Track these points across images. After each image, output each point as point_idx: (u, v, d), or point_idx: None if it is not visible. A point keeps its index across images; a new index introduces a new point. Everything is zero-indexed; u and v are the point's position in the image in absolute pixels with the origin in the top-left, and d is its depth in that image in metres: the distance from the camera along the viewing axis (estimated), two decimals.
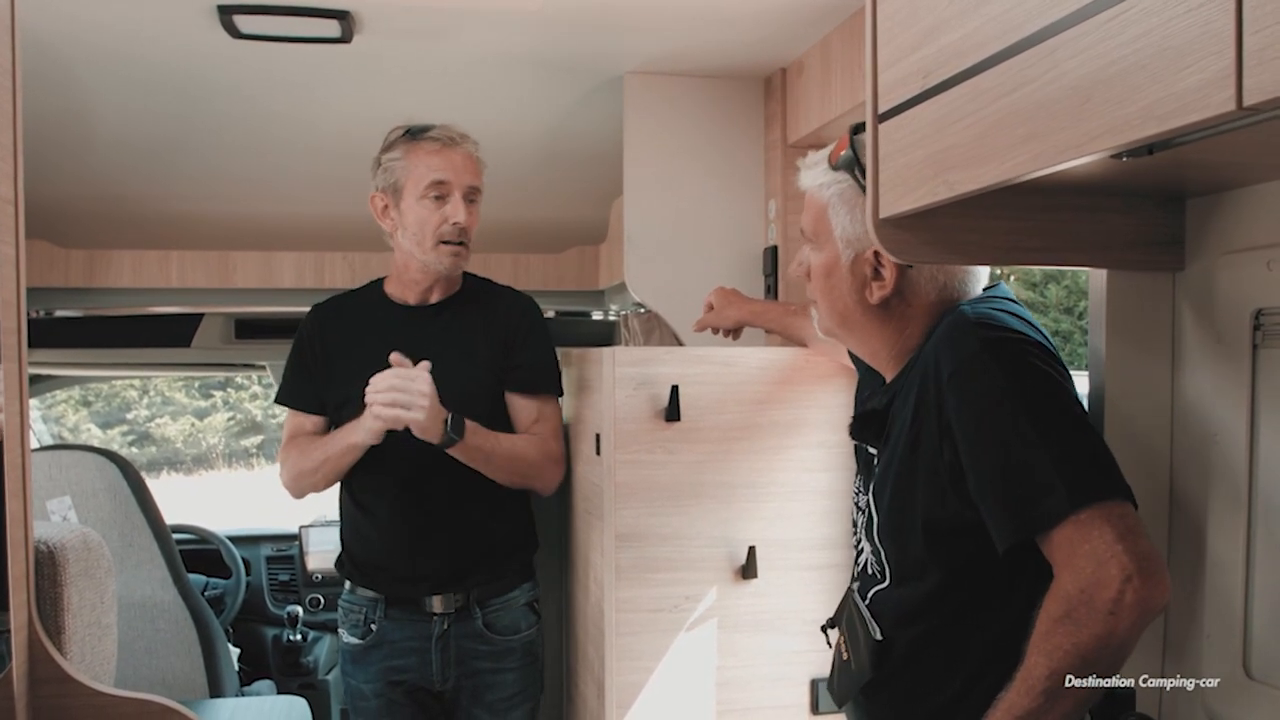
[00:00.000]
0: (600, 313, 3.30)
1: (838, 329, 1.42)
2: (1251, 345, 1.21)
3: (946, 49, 1.03)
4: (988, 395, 1.17)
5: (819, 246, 1.39)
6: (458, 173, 2.03)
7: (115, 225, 2.81)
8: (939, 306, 1.34)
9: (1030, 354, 1.19)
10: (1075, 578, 1.07)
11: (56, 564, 1.43)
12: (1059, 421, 1.15)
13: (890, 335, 1.37)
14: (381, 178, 2.07)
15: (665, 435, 1.88)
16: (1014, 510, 1.13)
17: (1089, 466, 1.12)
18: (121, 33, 1.89)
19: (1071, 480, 1.09)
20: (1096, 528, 1.07)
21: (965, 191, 1.01)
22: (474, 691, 2.14)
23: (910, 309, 1.35)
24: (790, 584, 1.93)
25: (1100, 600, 1.05)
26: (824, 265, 1.38)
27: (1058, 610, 1.08)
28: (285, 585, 3.63)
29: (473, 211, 2.07)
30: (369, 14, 1.83)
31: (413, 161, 2.03)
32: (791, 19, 1.90)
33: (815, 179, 1.38)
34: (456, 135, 2.05)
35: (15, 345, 1.30)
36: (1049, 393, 1.17)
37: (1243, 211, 1.22)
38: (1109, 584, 1.05)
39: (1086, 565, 1.06)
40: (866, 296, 1.35)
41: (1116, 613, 1.04)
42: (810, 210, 1.40)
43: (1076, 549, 1.08)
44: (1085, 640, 1.06)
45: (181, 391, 14.63)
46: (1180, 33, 0.73)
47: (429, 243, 2.04)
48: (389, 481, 2.08)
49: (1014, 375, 1.17)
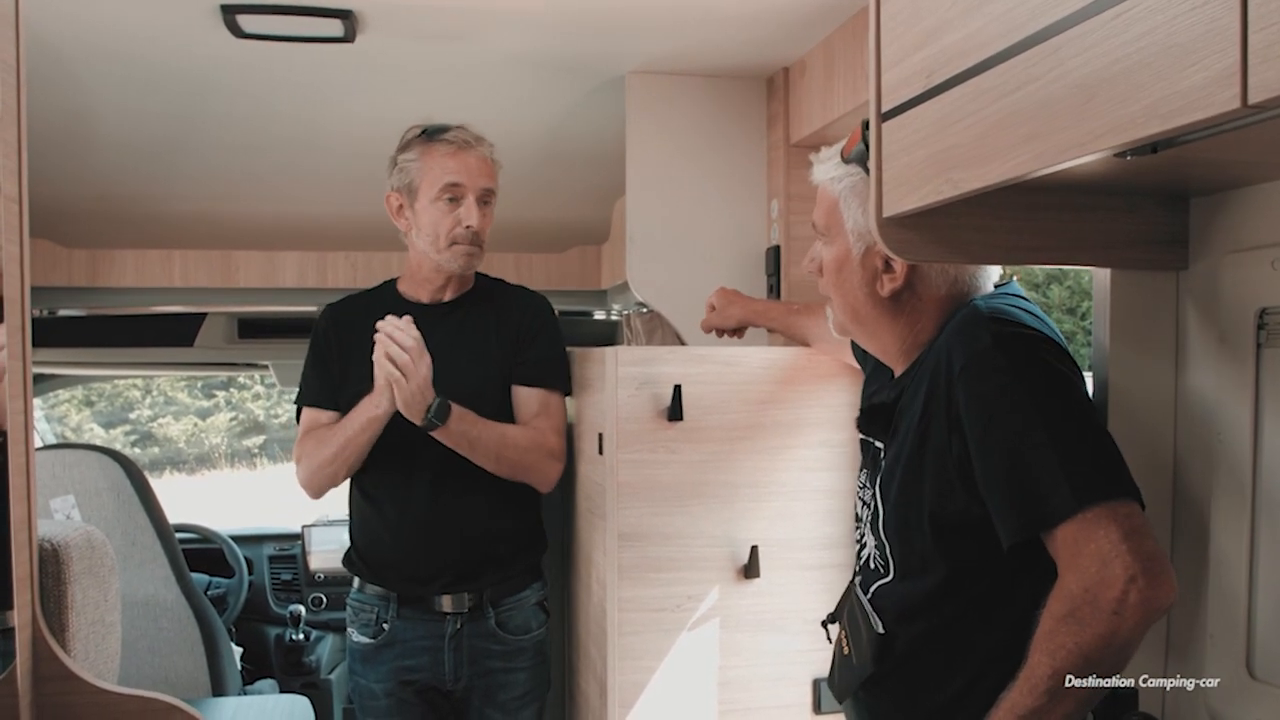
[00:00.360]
0: (602, 312, 3.31)
1: (850, 323, 1.42)
2: (1255, 344, 1.20)
3: (949, 48, 1.03)
4: (998, 390, 1.17)
5: (831, 240, 1.40)
6: (472, 176, 2.04)
7: (118, 225, 2.82)
8: (950, 301, 1.34)
9: (1042, 350, 1.19)
10: (1080, 577, 1.07)
11: (61, 562, 1.43)
12: (1068, 419, 1.14)
13: (901, 330, 1.37)
14: (397, 178, 2.08)
15: (668, 435, 1.88)
16: (1020, 507, 1.13)
17: (1096, 465, 1.11)
18: (125, 32, 1.89)
19: (1078, 479, 1.09)
20: (1102, 527, 1.07)
21: (968, 191, 1.01)
22: (486, 691, 2.15)
23: (921, 303, 1.35)
24: (793, 584, 1.93)
25: (1104, 600, 1.05)
26: (836, 259, 1.39)
27: (1061, 609, 1.08)
28: (288, 584, 3.64)
29: (486, 214, 2.08)
30: (372, 13, 1.83)
31: (428, 163, 2.03)
32: (794, 19, 1.90)
33: (828, 173, 1.39)
34: (472, 138, 2.05)
35: (19, 344, 1.30)
36: (1059, 390, 1.17)
37: (1247, 210, 1.22)
38: (1113, 584, 1.04)
39: (1091, 564, 1.06)
40: (878, 289, 1.35)
41: (1120, 613, 1.04)
42: (822, 204, 1.41)
43: (1082, 548, 1.07)
44: (1089, 640, 1.05)
45: (184, 391, 14.65)
46: (1185, 30, 0.73)
47: (442, 244, 2.05)
48: (400, 478, 2.08)
49: (1025, 371, 1.17)
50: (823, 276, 1.44)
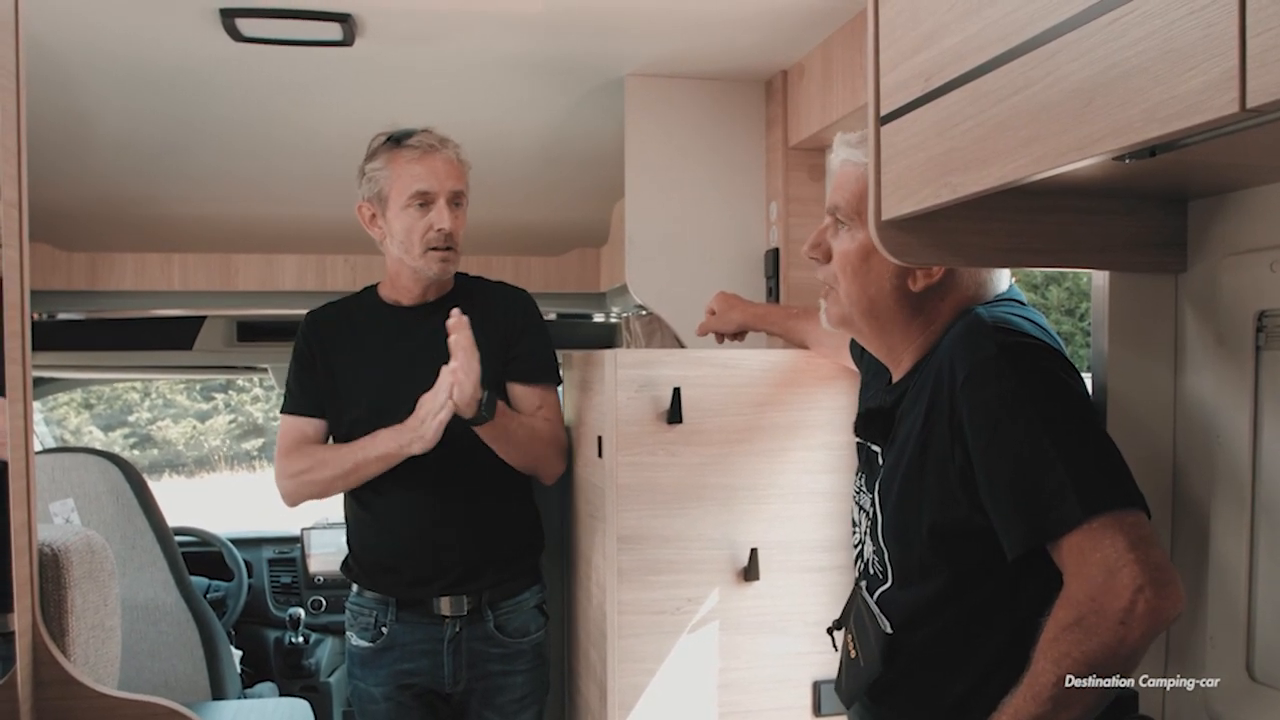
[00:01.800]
0: (602, 315, 3.31)
1: (859, 317, 1.36)
2: (1254, 347, 1.20)
3: (948, 52, 1.03)
4: (1001, 400, 1.15)
5: (855, 228, 1.32)
6: (440, 179, 2.03)
7: (117, 228, 2.82)
8: (969, 303, 1.32)
9: (1046, 360, 1.18)
10: (1086, 585, 1.06)
11: (60, 566, 1.43)
12: (1072, 429, 1.13)
13: (914, 330, 1.34)
14: (366, 187, 2.07)
15: (667, 437, 1.88)
16: (1025, 517, 1.12)
17: (1102, 474, 1.10)
18: (124, 36, 1.89)
19: (1084, 488, 1.08)
20: (1109, 536, 1.06)
21: (967, 194, 1.01)
22: (485, 694, 2.15)
23: (943, 303, 1.32)
24: (792, 586, 1.93)
25: (1111, 609, 1.03)
26: (863, 247, 1.31)
27: (1068, 617, 1.07)
28: (287, 587, 3.63)
29: (458, 215, 2.07)
30: (371, 17, 1.83)
31: (395, 171, 2.03)
32: (792, 22, 1.90)
33: (858, 156, 1.31)
34: (437, 140, 2.04)
35: (19, 348, 1.30)
36: (1063, 399, 1.16)
37: (1245, 213, 1.22)
38: (1121, 593, 1.03)
39: (1098, 574, 1.05)
40: (909, 284, 1.31)
41: (1127, 622, 1.03)
42: (846, 188, 1.33)
43: (1088, 557, 1.06)
44: (1094, 649, 1.04)
45: (183, 394, 14.65)
46: (1183, 35, 0.73)
47: (417, 250, 2.04)
48: (397, 484, 2.08)
49: (1029, 381, 1.15)
50: (827, 263, 1.38)
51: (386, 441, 1.99)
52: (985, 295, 1.33)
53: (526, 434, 2.07)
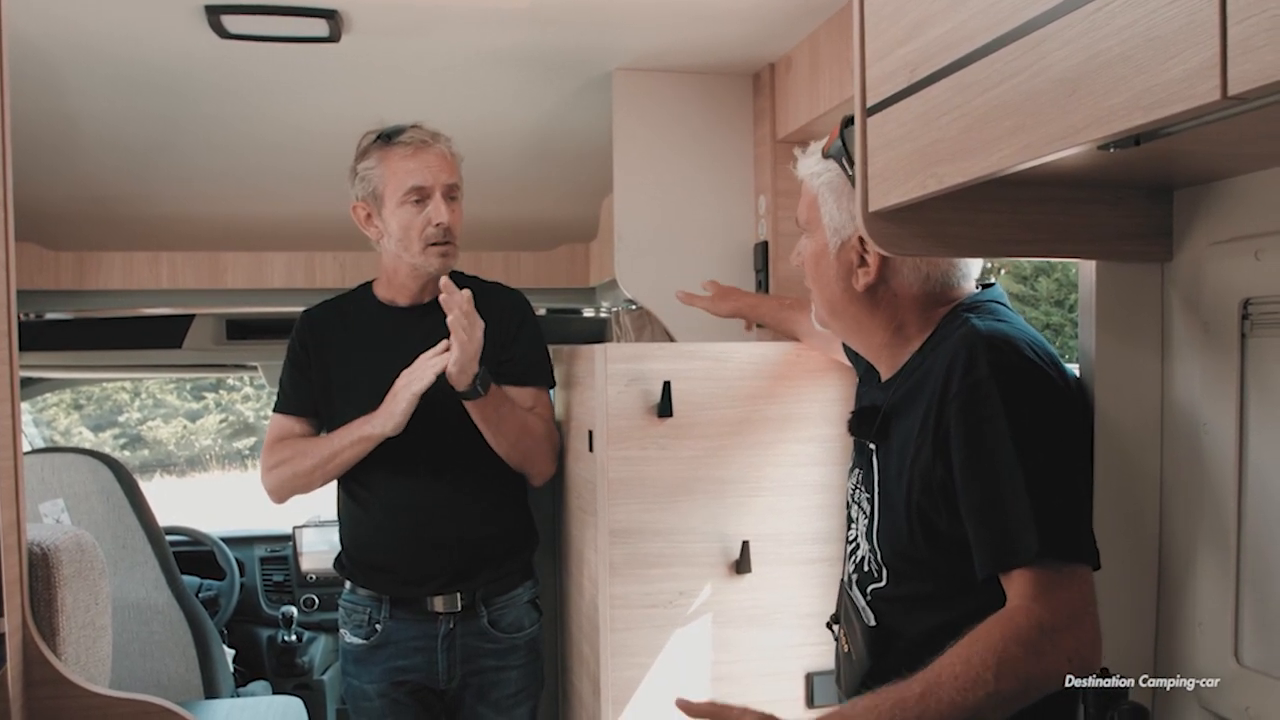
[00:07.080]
0: (591, 310, 3.31)
1: (829, 317, 1.45)
2: (1240, 334, 1.21)
3: (933, 43, 1.03)
4: (985, 425, 1.19)
5: (811, 234, 1.43)
6: (434, 174, 2.03)
7: (104, 227, 2.80)
8: (927, 299, 1.36)
9: (1037, 384, 1.22)
10: (1054, 617, 1.12)
11: (50, 566, 1.43)
12: (1048, 467, 1.18)
13: (879, 325, 1.39)
14: (360, 187, 2.07)
15: (658, 431, 1.88)
16: (990, 543, 1.18)
17: (1065, 522, 1.17)
18: (109, 33, 1.88)
19: (1047, 529, 1.14)
20: (1076, 583, 1.14)
21: (953, 184, 1.02)
22: (479, 690, 2.15)
23: (898, 299, 1.37)
24: (784, 578, 1.94)
25: (1066, 646, 1.12)
26: (814, 253, 1.42)
27: (1026, 635, 1.12)
28: (280, 586, 3.63)
29: (455, 209, 2.07)
30: (357, 13, 1.82)
31: (388, 168, 2.02)
32: (779, 14, 1.90)
33: (809, 168, 1.42)
34: (429, 135, 2.04)
35: (6, 348, 1.30)
36: (1046, 432, 1.20)
37: (1230, 201, 1.23)
38: (1083, 637, 1.13)
39: (1064, 610, 1.13)
40: (853, 284, 1.38)
41: (1073, 661, 1.11)
42: (804, 199, 1.44)
43: (1055, 593, 1.14)
44: (1037, 673, 1.11)
45: (173, 394, 14.60)
46: (1165, 23, 0.73)
47: (416, 246, 2.04)
48: (389, 480, 2.08)
49: (1016, 410, 1.19)
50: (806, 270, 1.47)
51: (360, 425, 2.00)
52: (940, 287, 1.36)
53: (518, 423, 2.07)
